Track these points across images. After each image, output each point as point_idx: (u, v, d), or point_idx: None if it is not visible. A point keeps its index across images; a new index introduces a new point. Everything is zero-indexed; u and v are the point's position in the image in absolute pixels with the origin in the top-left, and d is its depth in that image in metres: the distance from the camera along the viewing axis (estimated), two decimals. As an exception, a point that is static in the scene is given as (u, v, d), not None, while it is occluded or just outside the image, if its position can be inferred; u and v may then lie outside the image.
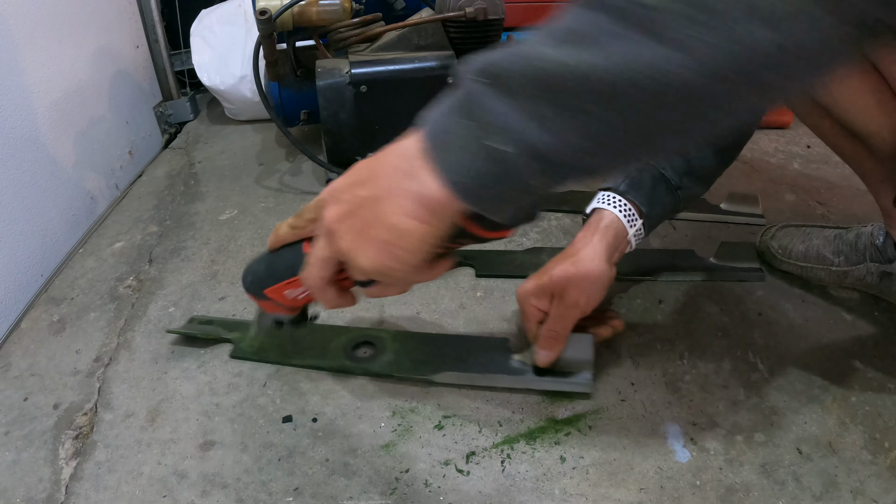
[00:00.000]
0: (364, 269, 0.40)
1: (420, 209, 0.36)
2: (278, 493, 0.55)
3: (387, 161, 0.38)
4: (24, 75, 0.91)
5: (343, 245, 0.40)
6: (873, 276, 0.73)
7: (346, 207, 0.40)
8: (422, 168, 0.36)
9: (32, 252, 0.88)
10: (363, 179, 0.40)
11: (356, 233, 0.39)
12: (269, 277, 0.52)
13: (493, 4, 1.03)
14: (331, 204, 0.41)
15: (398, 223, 0.37)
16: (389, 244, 0.38)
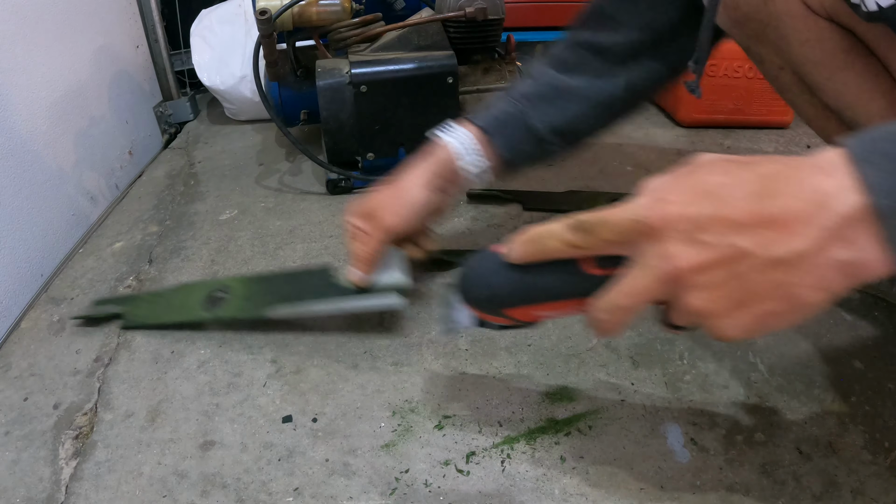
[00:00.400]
0: (722, 336, 0.32)
1: (846, 281, 0.27)
2: (278, 493, 0.55)
3: (791, 203, 0.28)
4: (23, 75, 0.91)
5: (698, 303, 0.32)
6: (874, 277, 0.72)
7: (720, 258, 0.30)
8: (861, 231, 0.26)
9: (32, 252, 0.88)
10: (746, 223, 0.29)
11: (730, 297, 0.30)
12: (519, 297, 0.42)
13: (493, 4, 1.03)
14: (680, 242, 0.31)
15: (809, 300, 0.28)
16: (779, 317, 0.30)
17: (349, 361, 0.70)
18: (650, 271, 0.34)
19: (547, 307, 0.42)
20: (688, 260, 0.31)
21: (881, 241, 0.26)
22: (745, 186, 0.29)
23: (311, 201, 1.07)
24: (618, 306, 0.37)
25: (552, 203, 1.01)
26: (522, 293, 0.42)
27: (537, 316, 0.44)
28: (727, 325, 0.31)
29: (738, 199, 0.29)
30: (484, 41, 1.08)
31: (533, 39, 1.58)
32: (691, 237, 0.31)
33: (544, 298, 0.42)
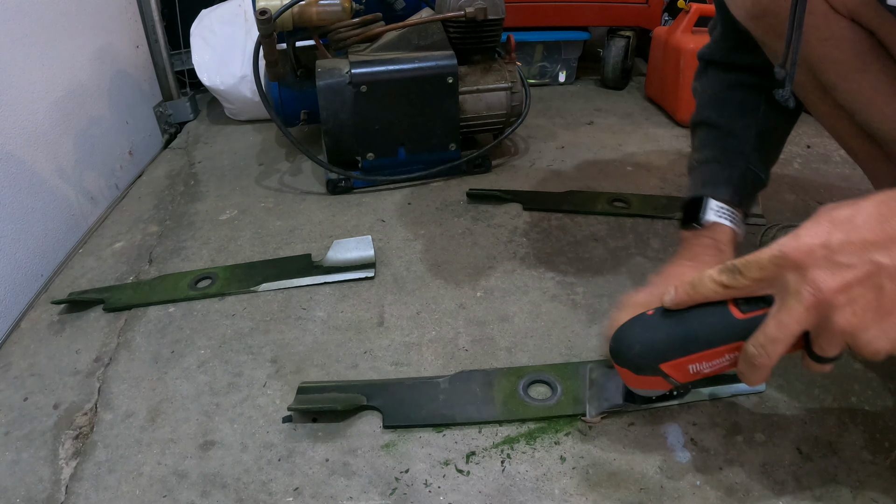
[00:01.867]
0: (874, 351, 0.34)
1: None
2: (278, 493, 0.55)
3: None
4: (24, 75, 0.91)
5: (846, 321, 0.34)
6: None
7: (859, 275, 0.33)
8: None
9: (32, 252, 0.88)
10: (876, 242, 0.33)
11: (875, 308, 0.33)
12: (674, 350, 0.43)
13: (493, 4, 1.03)
14: (822, 269, 0.35)
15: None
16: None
17: (349, 361, 0.70)
18: (798, 299, 0.36)
19: (702, 357, 0.43)
20: (831, 282, 0.34)
21: None
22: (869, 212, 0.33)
23: (311, 201, 1.07)
24: (771, 339, 0.38)
25: (552, 203, 1.01)
26: (680, 342, 0.44)
27: (692, 373, 0.45)
28: (876, 338, 0.33)
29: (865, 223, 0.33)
30: (484, 41, 1.08)
31: (533, 39, 1.58)
32: (831, 261, 0.34)
33: (700, 346, 0.43)
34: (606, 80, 1.62)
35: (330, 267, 0.85)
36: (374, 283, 0.83)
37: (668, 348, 0.44)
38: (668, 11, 1.67)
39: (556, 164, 1.17)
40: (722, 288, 0.42)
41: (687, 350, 0.43)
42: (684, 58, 1.31)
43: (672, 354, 0.44)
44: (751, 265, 0.40)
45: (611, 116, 1.43)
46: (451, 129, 1.06)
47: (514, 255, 0.88)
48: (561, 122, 1.39)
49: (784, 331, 0.38)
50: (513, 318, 0.75)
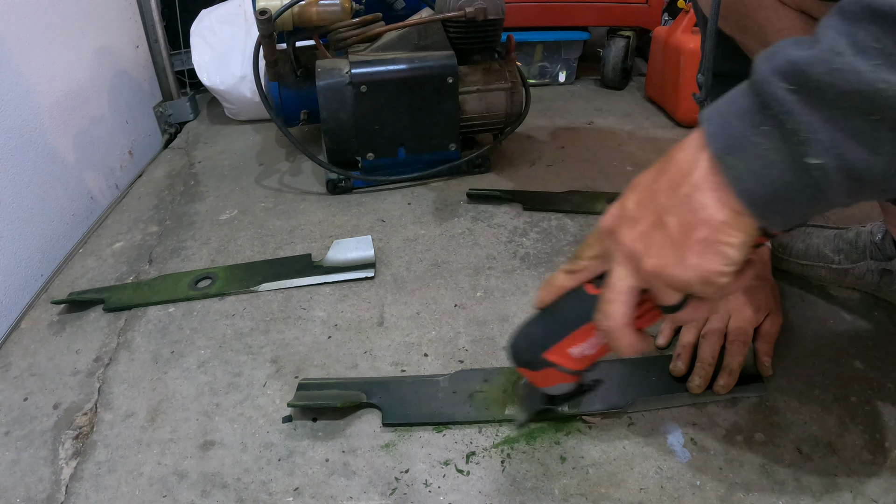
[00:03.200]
0: (684, 282, 0.37)
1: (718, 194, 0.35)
2: (278, 493, 0.55)
3: (669, 169, 0.37)
4: (24, 75, 0.92)
5: (652, 264, 0.38)
6: (874, 274, 0.73)
7: (648, 221, 0.38)
8: (711, 176, 0.34)
9: (32, 252, 0.88)
10: (656, 189, 0.38)
11: (669, 243, 0.37)
12: (549, 337, 0.47)
13: (493, 4, 1.03)
14: (623, 227, 0.40)
15: (718, 216, 0.35)
16: (713, 242, 0.35)
17: (349, 361, 0.70)
18: (615, 260, 0.41)
19: (576, 338, 0.47)
20: (630, 234, 0.39)
21: (719, 181, 0.35)
22: (653, 169, 0.39)
23: (311, 201, 1.07)
24: (607, 301, 0.42)
25: (552, 203, 1.01)
26: (550, 330, 0.47)
27: (577, 356, 0.48)
28: (680, 269, 0.37)
29: (648, 179, 0.39)
30: (484, 41, 1.08)
31: (533, 39, 1.58)
32: (627, 219, 0.40)
33: (568, 328, 0.46)
34: (606, 80, 1.62)
35: (330, 267, 0.85)
36: (374, 283, 0.83)
37: (544, 337, 0.48)
38: (668, 11, 1.67)
39: (556, 164, 1.17)
40: (569, 274, 0.46)
41: (560, 334, 0.47)
42: (684, 58, 1.31)
43: (549, 341, 0.47)
44: (583, 247, 0.45)
45: (611, 116, 1.43)
46: (451, 129, 1.06)
47: (514, 255, 0.88)
48: (561, 122, 1.39)
49: (613, 290, 0.41)
50: (513, 318, 0.75)
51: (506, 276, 0.83)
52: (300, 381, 0.66)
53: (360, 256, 0.87)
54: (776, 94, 0.31)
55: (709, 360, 0.63)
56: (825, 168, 0.31)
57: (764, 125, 0.32)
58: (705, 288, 0.37)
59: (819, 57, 0.30)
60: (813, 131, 0.31)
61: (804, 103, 0.31)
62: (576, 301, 0.45)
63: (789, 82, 0.31)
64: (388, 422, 0.61)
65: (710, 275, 0.36)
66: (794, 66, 0.31)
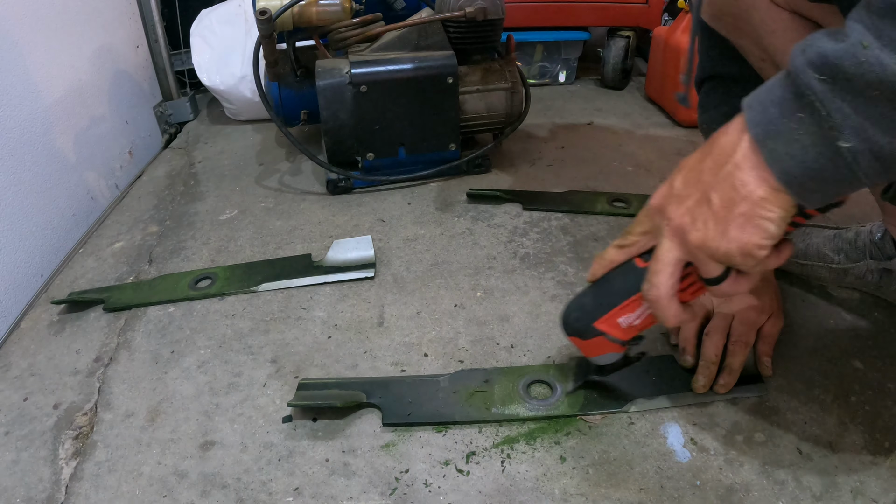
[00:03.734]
0: (726, 253, 0.40)
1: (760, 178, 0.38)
2: (278, 493, 0.55)
3: (713, 151, 0.40)
4: (24, 75, 0.92)
5: (697, 237, 0.41)
6: (873, 274, 0.73)
7: (695, 198, 0.41)
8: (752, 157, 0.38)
9: (32, 252, 0.88)
10: (702, 169, 0.41)
11: (712, 217, 0.40)
12: (599, 307, 0.50)
13: (493, 4, 1.03)
14: (671, 203, 0.43)
15: (757, 192, 0.38)
16: (752, 216, 0.38)
17: (349, 361, 0.70)
18: (663, 234, 0.44)
19: (625, 308, 0.49)
20: (678, 210, 0.42)
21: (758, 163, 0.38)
22: (696, 155, 0.42)
23: (311, 201, 1.07)
24: (653, 272, 0.44)
25: (552, 203, 1.01)
26: (600, 301, 0.50)
27: (625, 326, 0.50)
28: (721, 243, 0.40)
29: (694, 160, 0.42)
30: (484, 41, 1.08)
31: (533, 39, 1.58)
32: (675, 197, 0.42)
33: (618, 299, 0.49)
34: (606, 80, 1.62)
35: (330, 267, 0.85)
36: (374, 283, 0.83)
37: (595, 307, 0.51)
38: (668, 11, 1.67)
39: (556, 164, 1.17)
40: (620, 249, 0.49)
41: (610, 304, 0.50)
42: (684, 58, 1.31)
43: (599, 311, 0.50)
44: (634, 223, 0.48)
45: (611, 116, 1.43)
46: (451, 129, 1.06)
47: (514, 255, 0.88)
48: (561, 122, 1.39)
49: (660, 262, 0.44)
50: (513, 318, 0.75)
51: (506, 276, 0.83)
52: (300, 381, 0.66)
53: (360, 256, 0.87)
54: (810, 84, 0.34)
55: (712, 359, 0.63)
56: (855, 150, 0.34)
57: (799, 112, 0.35)
58: (745, 260, 0.40)
59: (848, 50, 0.33)
60: (843, 117, 0.34)
61: (835, 92, 0.34)
62: (625, 274, 0.48)
63: (821, 73, 0.34)
64: (388, 422, 0.61)
65: (750, 247, 0.39)
66: (825, 58, 0.34)
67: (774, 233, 0.39)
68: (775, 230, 0.39)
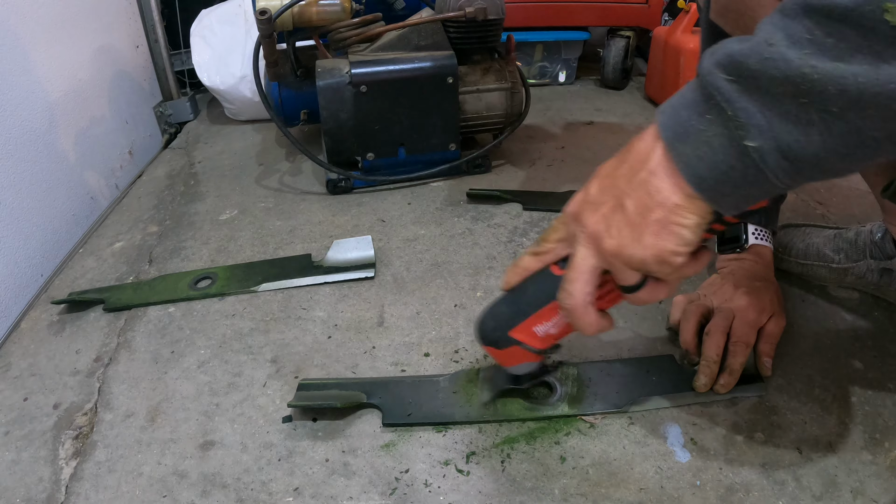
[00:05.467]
0: (641, 260, 0.39)
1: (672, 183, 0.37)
2: (278, 493, 0.55)
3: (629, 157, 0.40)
4: (24, 75, 0.92)
5: (611, 244, 0.40)
6: (874, 274, 0.73)
7: (609, 205, 0.41)
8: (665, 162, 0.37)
9: (32, 252, 0.88)
10: (617, 176, 0.41)
11: (627, 224, 0.39)
12: (515, 315, 0.49)
13: (493, 4, 1.03)
14: (586, 211, 0.42)
15: (671, 199, 0.37)
16: (668, 223, 0.38)
17: (349, 361, 0.70)
18: (579, 241, 0.43)
19: (540, 316, 0.48)
20: (592, 217, 0.42)
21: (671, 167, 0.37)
22: (616, 158, 0.43)
23: (311, 201, 1.07)
24: (570, 280, 0.43)
25: (552, 203, 1.01)
26: (516, 309, 0.49)
27: (542, 335, 0.49)
28: (638, 248, 0.39)
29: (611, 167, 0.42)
30: (484, 41, 1.08)
31: (533, 39, 1.58)
32: (591, 203, 0.42)
33: (533, 307, 0.48)
34: (606, 80, 1.62)
35: (330, 267, 0.85)
36: (374, 283, 0.83)
37: (510, 316, 0.49)
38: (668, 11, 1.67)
39: (556, 164, 1.17)
40: (535, 256, 0.48)
41: (525, 313, 0.48)
42: (684, 58, 1.31)
43: (515, 320, 0.49)
44: (549, 230, 0.47)
45: (611, 116, 1.43)
46: (450, 129, 1.06)
47: (514, 255, 0.88)
48: (561, 122, 1.39)
49: (576, 270, 0.43)
50: (513, 318, 0.75)
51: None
52: (300, 382, 0.66)
53: (360, 256, 0.87)
54: (717, 84, 0.34)
55: (714, 359, 0.63)
56: (762, 150, 0.33)
57: (708, 114, 0.35)
58: (661, 267, 0.39)
59: (753, 48, 0.33)
60: (749, 116, 0.33)
61: (741, 91, 0.33)
62: (541, 282, 0.47)
63: (728, 73, 0.34)
64: (389, 422, 0.61)
65: (665, 254, 0.38)
66: (731, 58, 0.33)
67: (690, 239, 0.38)
68: (691, 237, 0.38)
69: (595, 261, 0.42)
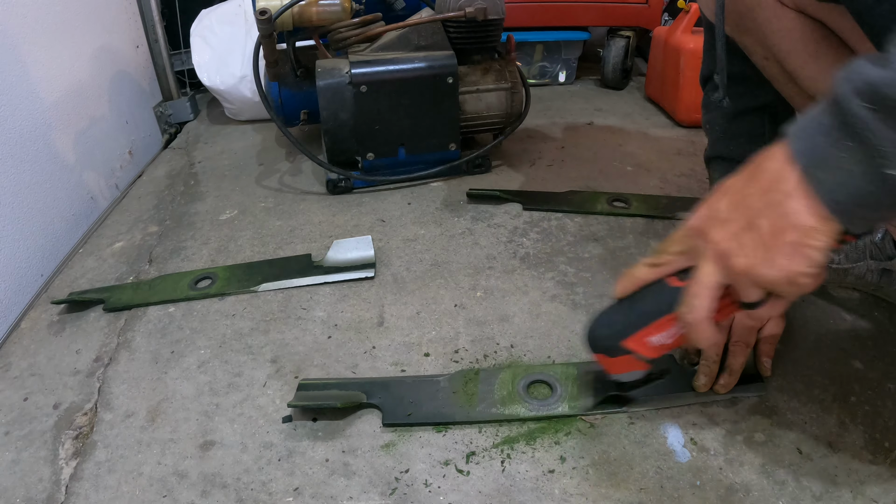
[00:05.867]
0: (771, 281, 0.40)
1: (806, 205, 0.38)
2: (278, 493, 0.55)
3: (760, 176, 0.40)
4: (24, 75, 0.92)
5: (741, 262, 0.40)
6: (874, 274, 0.73)
7: (740, 223, 0.41)
8: (800, 186, 0.37)
9: (32, 252, 0.88)
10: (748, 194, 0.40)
11: (759, 244, 0.40)
12: (630, 325, 0.49)
13: (493, 4, 1.03)
14: (714, 227, 0.42)
15: (807, 221, 0.38)
16: (801, 245, 0.38)
17: (349, 361, 0.70)
18: (705, 257, 0.43)
19: (656, 327, 0.48)
20: (722, 234, 0.41)
21: (807, 192, 0.38)
22: (741, 175, 0.42)
23: (311, 201, 1.07)
24: (692, 294, 0.44)
25: (552, 203, 1.01)
26: (631, 319, 0.49)
27: (655, 345, 0.49)
28: (767, 270, 0.39)
29: (738, 183, 0.42)
30: (484, 41, 1.08)
31: (533, 39, 1.58)
32: (719, 220, 0.42)
33: (649, 318, 0.48)
34: (606, 80, 1.62)
35: (330, 267, 0.85)
36: (374, 283, 0.83)
37: (625, 326, 0.49)
38: (668, 11, 1.67)
39: (556, 164, 1.17)
40: (652, 267, 0.48)
41: (640, 324, 0.49)
42: (684, 58, 1.31)
43: (629, 330, 0.49)
44: (669, 242, 0.47)
45: (611, 116, 1.43)
46: (451, 129, 1.06)
47: (514, 255, 0.88)
48: (561, 122, 1.39)
49: (700, 285, 0.43)
50: (513, 318, 0.75)
51: (506, 276, 0.83)
52: (300, 382, 0.66)
53: (360, 256, 0.87)
54: (857, 113, 0.34)
55: (713, 359, 0.63)
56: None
57: (847, 141, 0.35)
58: (789, 288, 0.40)
59: (893, 77, 0.33)
60: (891, 145, 0.34)
61: (882, 121, 0.34)
62: (658, 293, 0.47)
63: (868, 101, 0.34)
64: (389, 422, 0.61)
65: (795, 275, 0.39)
66: (871, 86, 0.34)
67: (820, 261, 0.39)
68: (820, 258, 0.39)
69: (720, 277, 0.42)
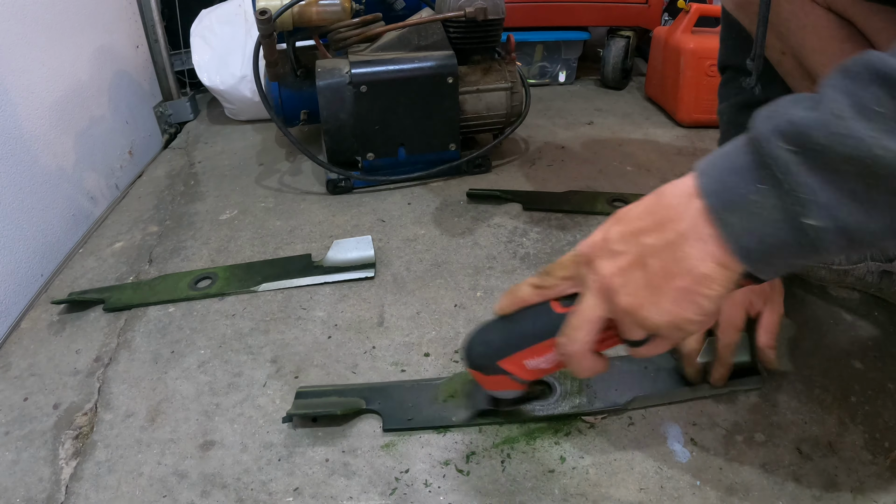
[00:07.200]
0: (654, 325, 0.37)
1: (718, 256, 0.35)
2: (278, 493, 0.55)
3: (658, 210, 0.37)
4: (24, 75, 0.92)
5: (626, 301, 0.38)
6: (874, 275, 0.73)
7: (629, 258, 0.38)
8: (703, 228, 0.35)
9: (32, 252, 0.88)
10: (643, 228, 0.37)
11: (647, 284, 0.37)
12: (508, 346, 0.47)
13: (493, 4, 1.03)
14: (603, 258, 0.39)
15: (702, 269, 0.35)
16: (691, 293, 0.36)
17: (349, 361, 0.70)
18: (589, 290, 0.40)
19: (533, 352, 0.46)
20: (609, 267, 0.39)
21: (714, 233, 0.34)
22: (642, 204, 0.39)
23: (311, 201, 1.07)
24: (573, 327, 0.41)
25: (552, 203, 1.01)
26: (509, 340, 0.47)
27: (531, 368, 0.48)
28: (652, 313, 0.37)
29: (636, 214, 0.39)
30: (484, 41, 1.08)
31: (533, 39, 1.58)
32: (609, 251, 0.39)
33: (528, 341, 0.46)
34: (606, 80, 1.62)
35: (330, 267, 0.85)
36: (374, 283, 0.83)
37: (502, 346, 0.48)
38: (668, 11, 1.67)
39: (556, 164, 1.17)
40: (536, 289, 0.45)
41: (518, 346, 0.47)
42: (684, 58, 1.31)
43: (507, 351, 0.47)
44: (556, 265, 0.44)
45: (611, 116, 1.43)
46: (451, 129, 1.06)
47: (514, 255, 0.88)
48: (561, 122, 1.39)
49: (581, 318, 0.41)
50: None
51: (506, 276, 0.83)
52: (298, 390, 0.65)
53: (360, 256, 0.87)
54: (776, 154, 0.32)
55: (695, 348, 0.61)
56: (821, 229, 0.31)
57: (762, 183, 0.32)
58: (673, 332, 0.38)
59: (820, 120, 0.30)
60: (811, 193, 0.31)
61: (804, 165, 0.31)
62: (539, 316, 0.45)
63: (790, 143, 0.31)
64: (389, 427, 0.61)
65: (681, 322, 0.37)
66: (795, 127, 0.31)
67: (710, 310, 0.36)
68: (712, 307, 0.36)
69: (603, 312, 0.40)
